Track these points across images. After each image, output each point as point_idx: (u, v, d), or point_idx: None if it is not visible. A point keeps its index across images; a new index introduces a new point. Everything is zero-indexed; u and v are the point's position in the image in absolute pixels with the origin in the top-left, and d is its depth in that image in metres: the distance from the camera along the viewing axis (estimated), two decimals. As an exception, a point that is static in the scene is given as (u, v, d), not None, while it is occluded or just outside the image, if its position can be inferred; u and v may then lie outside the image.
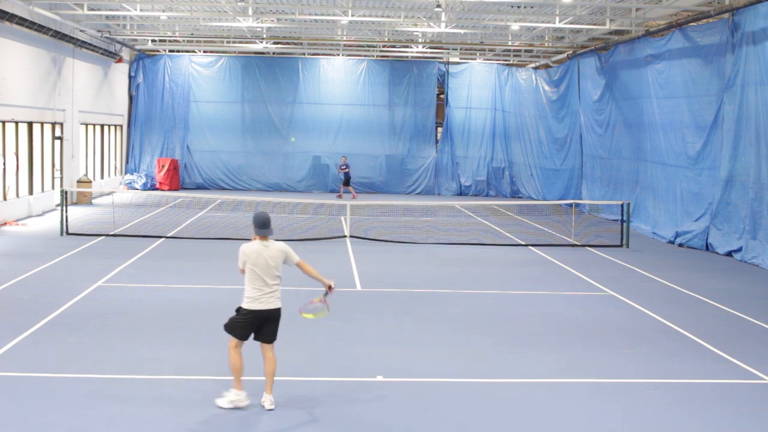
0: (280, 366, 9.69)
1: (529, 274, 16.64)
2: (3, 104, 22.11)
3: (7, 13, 21.47)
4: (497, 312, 13.00)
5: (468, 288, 14.96)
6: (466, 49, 35.34)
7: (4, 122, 22.36)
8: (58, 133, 26.80)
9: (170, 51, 36.47)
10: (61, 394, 8.45)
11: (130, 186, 34.35)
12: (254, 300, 8.13)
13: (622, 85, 26.93)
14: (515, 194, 36.49)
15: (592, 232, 23.32)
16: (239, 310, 8.24)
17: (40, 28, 23.98)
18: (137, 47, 35.08)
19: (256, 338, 8.29)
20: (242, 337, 8.21)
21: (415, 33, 30.71)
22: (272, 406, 8.10)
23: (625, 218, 21.20)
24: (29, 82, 24.09)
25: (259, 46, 34.61)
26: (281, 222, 24.13)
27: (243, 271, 8.27)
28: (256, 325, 8.19)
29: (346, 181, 33.22)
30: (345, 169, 33.10)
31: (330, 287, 8.48)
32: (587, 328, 12.03)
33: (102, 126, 32.51)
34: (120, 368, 9.36)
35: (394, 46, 35.22)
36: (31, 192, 24.32)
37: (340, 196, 32.30)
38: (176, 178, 35.35)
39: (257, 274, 8.12)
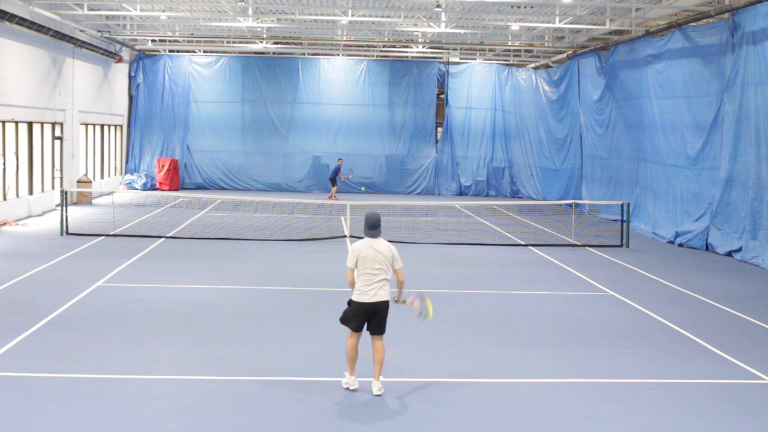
0: (280, 365, 9.71)
1: (529, 274, 16.64)
2: (3, 104, 22.11)
3: (7, 13, 21.47)
4: (497, 312, 13.00)
5: (468, 288, 14.97)
6: (466, 49, 35.34)
7: (4, 122, 22.36)
8: (58, 133, 26.80)
9: (170, 51, 36.48)
10: (61, 394, 8.45)
11: (130, 186, 34.36)
12: (363, 293, 8.70)
13: (622, 85, 26.93)
14: (515, 194, 36.50)
15: (592, 232, 23.33)
16: (350, 302, 8.82)
17: (40, 28, 23.98)
18: (137, 47, 35.09)
19: (368, 329, 8.82)
20: (356, 328, 8.76)
21: (415, 33, 30.71)
22: (380, 392, 8.62)
23: (625, 218, 21.21)
24: (29, 82, 24.09)
25: (259, 46, 34.61)
26: (281, 222, 24.15)
27: (353, 270, 8.81)
28: (367, 316, 8.73)
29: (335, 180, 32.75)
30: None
31: (396, 300, 9.09)
32: (587, 328, 12.03)
33: (102, 126, 32.51)
34: (120, 368, 9.36)
35: (394, 46, 35.22)
36: (31, 192, 24.32)
37: (334, 197, 31.97)
38: (176, 178, 35.35)
39: (366, 269, 8.70)
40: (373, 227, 8.91)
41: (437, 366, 9.86)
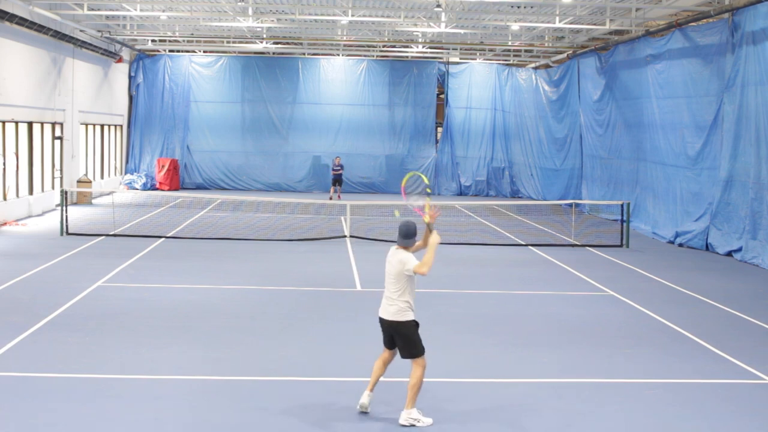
0: (280, 365, 9.70)
1: (529, 274, 16.64)
2: (3, 104, 22.10)
3: (7, 13, 21.46)
4: (497, 312, 13.00)
5: (468, 288, 14.97)
6: (466, 49, 35.34)
7: (4, 122, 22.36)
8: (58, 133, 26.80)
9: (170, 51, 36.47)
10: (61, 394, 8.44)
11: (130, 186, 34.35)
12: (381, 306, 8.09)
13: (622, 85, 26.93)
14: (515, 194, 36.50)
15: (592, 232, 23.32)
16: None
17: (40, 28, 23.98)
18: (137, 47, 35.08)
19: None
20: (384, 343, 8.16)
21: (415, 33, 30.71)
22: (403, 422, 7.78)
23: (625, 218, 21.21)
24: (29, 82, 24.09)
25: (259, 46, 34.61)
26: (281, 222, 24.15)
27: None
28: (388, 333, 8.04)
29: (338, 182, 32.84)
30: (339, 170, 32.69)
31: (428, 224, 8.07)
32: (587, 328, 12.03)
33: (102, 126, 32.51)
34: (120, 368, 9.36)
35: (394, 46, 35.22)
36: (31, 192, 24.32)
37: (338, 197, 32.15)
38: (176, 178, 35.34)
39: (386, 280, 8.01)
40: (403, 236, 7.92)
41: (437, 366, 9.84)
